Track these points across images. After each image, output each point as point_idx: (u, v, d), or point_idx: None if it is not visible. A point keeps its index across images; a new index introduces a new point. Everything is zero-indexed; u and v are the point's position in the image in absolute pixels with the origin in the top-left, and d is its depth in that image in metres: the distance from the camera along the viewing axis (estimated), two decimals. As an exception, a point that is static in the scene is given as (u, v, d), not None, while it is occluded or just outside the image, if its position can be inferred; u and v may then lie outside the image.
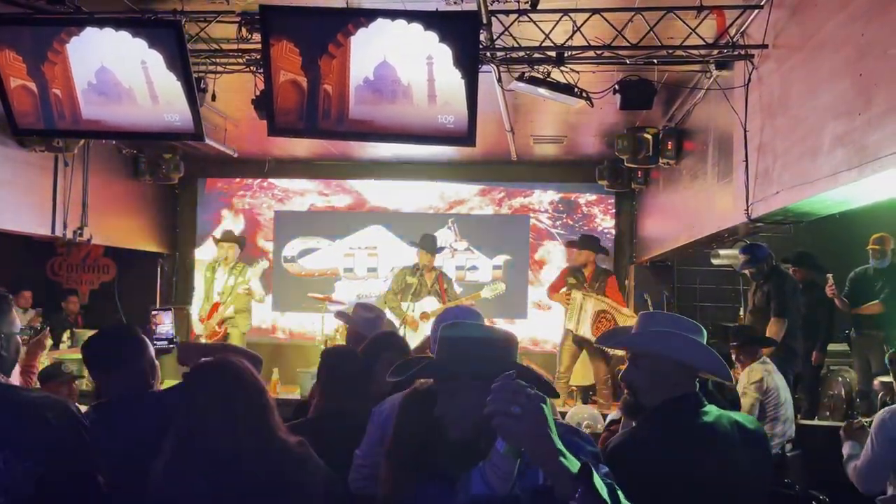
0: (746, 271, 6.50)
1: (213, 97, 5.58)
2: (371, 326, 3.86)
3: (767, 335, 5.83)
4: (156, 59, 4.98)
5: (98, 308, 9.48)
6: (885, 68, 3.10)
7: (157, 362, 2.68)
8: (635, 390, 2.22)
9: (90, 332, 7.99)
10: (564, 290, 7.35)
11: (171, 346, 4.46)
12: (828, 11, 3.71)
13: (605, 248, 7.78)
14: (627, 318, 6.76)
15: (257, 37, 4.95)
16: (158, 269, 9.86)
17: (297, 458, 2.04)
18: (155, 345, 3.12)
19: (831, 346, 6.96)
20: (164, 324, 6.52)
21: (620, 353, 8.73)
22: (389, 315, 6.10)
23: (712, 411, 2.18)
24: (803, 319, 6.35)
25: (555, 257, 9.54)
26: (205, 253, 9.60)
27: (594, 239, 7.61)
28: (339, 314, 5.03)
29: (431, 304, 7.00)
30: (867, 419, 3.92)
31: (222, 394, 2.01)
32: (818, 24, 3.82)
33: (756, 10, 4.69)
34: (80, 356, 6.73)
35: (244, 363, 2.14)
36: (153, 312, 6.49)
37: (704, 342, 2.22)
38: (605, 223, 9.50)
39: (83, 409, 2.42)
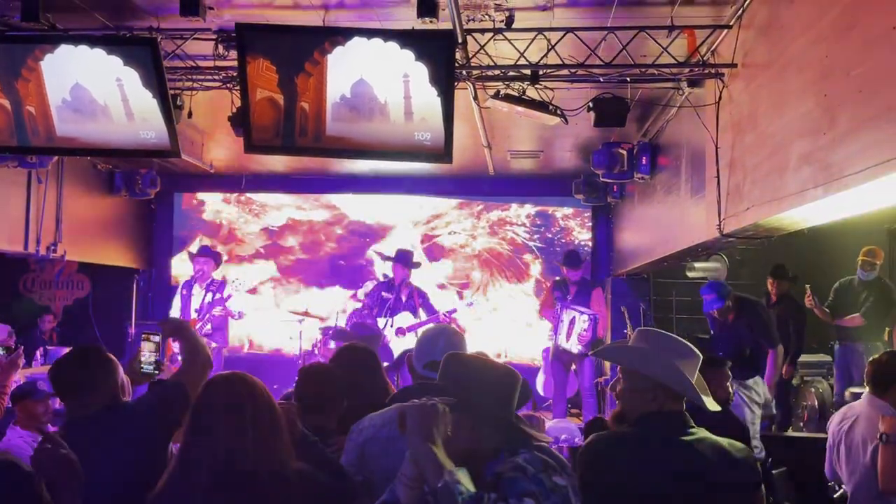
0: (714, 312, 6.00)
1: (190, 114, 5.57)
2: (372, 344, 3.86)
3: (772, 366, 5.84)
4: (131, 77, 4.97)
5: (72, 324, 9.37)
6: (847, 89, 3.19)
7: (127, 381, 2.66)
8: (621, 401, 2.34)
9: (64, 349, 7.90)
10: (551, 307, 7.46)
11: (157, 372, 4.42)
12: (794, 33, 3.80)
13: (586, 260, 7.90)
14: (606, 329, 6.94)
15: (234, 54, 4.95)
16: (134, 285, 9.78)
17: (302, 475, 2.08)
18: (142, 369, 3.09)
19: (804, 358, 7.06)
20: (149, 353, 6.44)
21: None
22: None
23: (698, 433, 2.21)
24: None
25: (534, 270, 9.62)
26: (181, 268, 9.54)
27: (579, 256, 7.72)
28: (338, 333, 4.98)
29: (406, 320, 7.01)
30: None
31: (235, 403, 2.05)
32: (785, 44, 3.91)
33: (725, 30, 4.79)
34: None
35: (257, 380, 2.17)
36: (143, 335, 6.41)
37: (696, 366, 2.28)
38: (581, 236, 9.59)
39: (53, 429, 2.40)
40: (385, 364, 4.60)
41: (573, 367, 7.42)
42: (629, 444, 2.22)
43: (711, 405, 2.26)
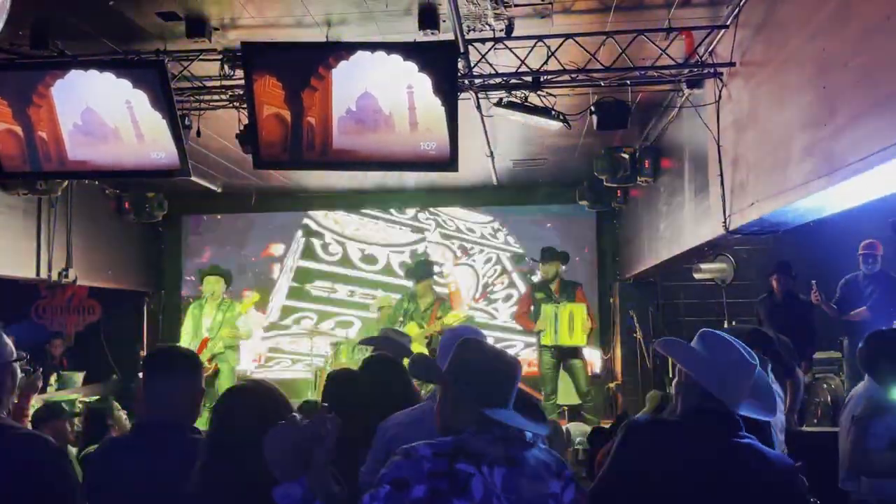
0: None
1: (199, 134, 5.66)
2: (402, 351, 3.86)
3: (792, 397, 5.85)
4: (140, 99, 5.07)
5: (84, 349, 9.42)
6: (845, 80, 3.25)
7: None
8: (676, 394, 2.32)
9: (78, 374, 7.89)
10: (533, 308, 7.38)
11: None
12: (790, 29, 3.87)
13: (567, 255, 7.74)
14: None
15: (240, 73, 5.05)
16: (145, 308, 9.84)
17: None
18: None
19: (818, 354, 7.04)
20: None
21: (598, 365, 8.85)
22: None
23: (742, 438, 2.17)
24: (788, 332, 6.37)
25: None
26: (191, 289, 9.61)
27: (555, 251, 7.62)
28: (366, 340, 4.96)
29: (414, 331, 7.03)
30: None
31: (258, 416, 2.04)
32: (782, 41, 3.98)
33: (723, 30, 4.87)
34: (69, 398, 6.70)
35: (280, 393, 2.19)
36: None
37: (751, 374, 2.21)
38: (587, 242, 9.63)
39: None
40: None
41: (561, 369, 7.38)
42: (678, 432, 2.21)
43: (762, 415, 2.23)
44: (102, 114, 5.16)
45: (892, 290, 6.47)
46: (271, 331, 9.96)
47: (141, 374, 2.70)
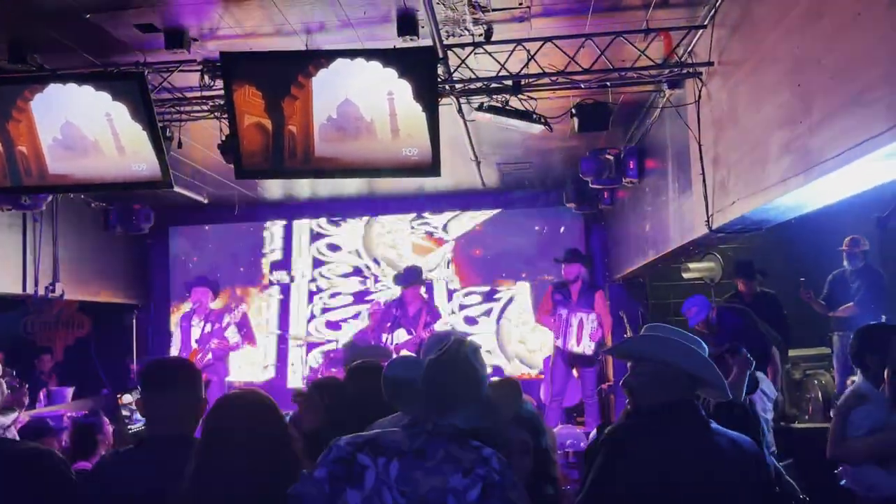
0: (700, 325, 6.10)
1: (180, 144, 5.64)
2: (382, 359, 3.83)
3: (775, 364, 5.93)
4: (120, 111, 5.05)
5: (73, 364, 9.37)
6: (820, 77, 3.26)
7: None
8: (635, 395, 2.29)
9: (66, 390, 7.86)
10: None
11: None
12: (765, 28, 3.89)
13: (590, 258, 7.81)
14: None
15: (220, 83, 5.04)
16: (134, 321, 9.80)
17: None
18: (130, 430, 3.09)
19: (807, 351, 7.05)
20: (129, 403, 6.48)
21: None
22: None
23: (709, 425, 2.22)
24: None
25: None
26: (180, 301, 9.57)
27: (579, 253, 7.65)
28: (347, 347, 4.96)
29: (402, 337, 7.03)
30: None
31: (249, 423, 2.11)
32: (757, 40, 4.00)
33: (700, 31, 4.89)
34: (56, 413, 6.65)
35: (270, 400, 2.22)
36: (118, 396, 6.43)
37: (706, 355, 2.27)
38: (576, 244, 9.63)
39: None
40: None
41: (575, 372, 7.42)
42: (652, 433, 2.20)
43: (732, 393, 2.28)
44: (82, 127, 5.14)
45: (878, 284, 6.50)
46: (266, 339, 9.92)
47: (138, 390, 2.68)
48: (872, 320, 6.32)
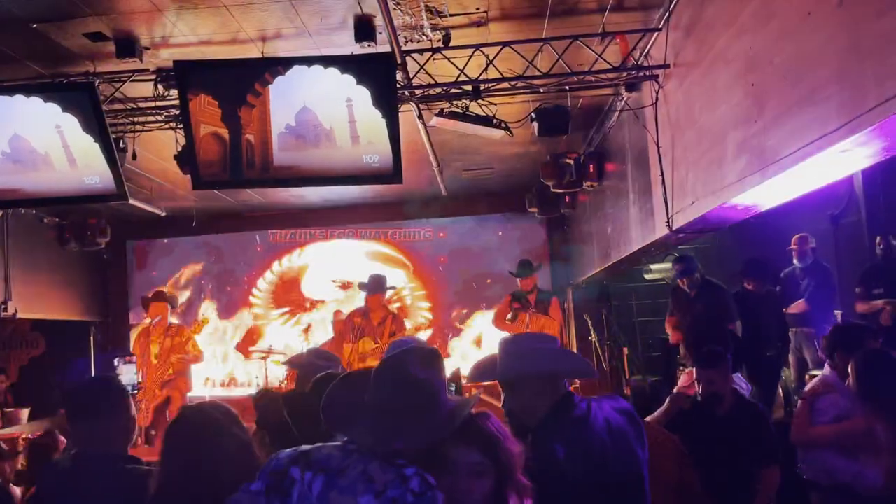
0: (684, 282, 6.52)
1: (134, 156, 5.52)
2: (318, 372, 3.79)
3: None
4: (71, 123, 4.93)
5: (29, 384, 9.08)
6: (773, 77, 3.31)
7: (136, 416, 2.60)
8: (518, 415, 2.27)
9: (22, 411, 7.63)
10: (509, 317, 7.49)
11: (136, 392, 4.25)
12: (718, 29, 3.95)
13: (539, 266, 7.92)
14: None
15: (174, 93, 4.94)
16: (91, 338, 9.55)
17: None
18: None
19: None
20: (128, 374, 6.37)
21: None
22: None
23: (580, 403, 2.24)
24: (750, 326, 6.48)
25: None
26: (138, 317, 9.37)
27: (531, 264, 7.72)
28: (290, 361, 4.93)
29: (369, 346, 6.95)
30: None
31: (210, 434, 2.11)
32: (711, 41, 4.06)
33: (656, 33, 4.95)
34: (11, 436, 6.44)
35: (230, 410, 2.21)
36: (115, 363, 6.32)
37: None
38: (539, 248, 9.68)
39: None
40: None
41: None
42: (547, 454, 2.12)
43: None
44: (31, 140, 5.00)
45: (827, 281, 6.63)
46: (224, 353, 9.77)
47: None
48: (823, 315, 6.48)
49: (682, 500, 2.89)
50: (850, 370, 3.54)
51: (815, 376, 6.14)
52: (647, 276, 8.67)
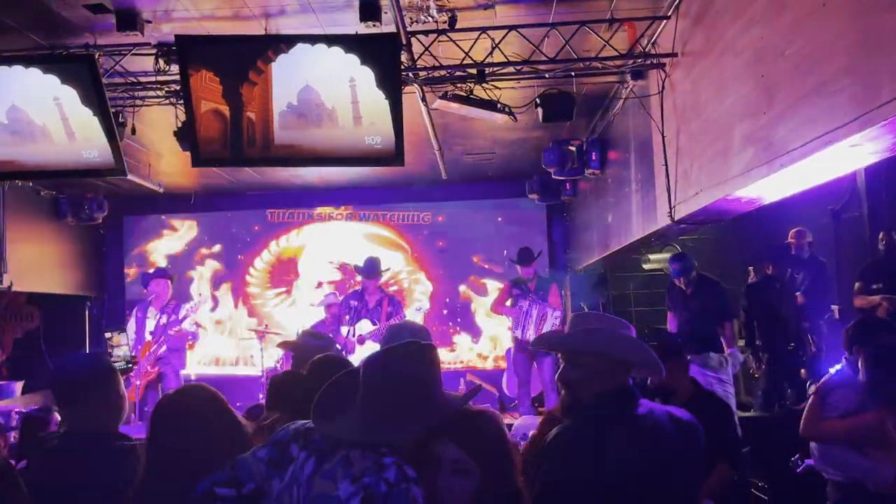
0: (681, 280, 6.56)
1: (133, 131, 5.46)
2: (321, 353, 3.78)
3: (729, 336, 6.21)
4: (70, 95, 4.86)
5: (22, 358, 9.06)
6: (782, 68, 3.27)
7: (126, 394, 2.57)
8: (572, 389, 2.25)
9: (15, 384, 7.61)
10: (508, 303, 7.49)
11: (130, 366, 4.23)
12: (728, 18, 3.89)
13: (540, 254, 7.92)
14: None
15: (175, 68, 4.88)
16: (86, 313, 9.52)
17: None
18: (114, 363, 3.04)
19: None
20: (121, 345, 6.35)
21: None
22: None
23: (645, 404, 2.23)
24: (772, 318, 6.50)
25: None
26: (135, 292, 9.34)
27: (532, 252, 7.70)
28: (285, 343, 4.93)
29: (367, 327, 6.95)
30: None
31: (196, 419, 2.11)
32: (720, 31, 4.00)
33: (664, 21, 4.89)
34: (5, 409, 6.43)
35: (216, 393, 2.21)
36: (107, 335, 6.29)
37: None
38: (539, 235, 9.64)
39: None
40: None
41: (534, 363, 7.45)
42: (597, 429, 2.15)
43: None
44: (30, 111, 4.93)
45: (823, 274, 6.64)
46: (221, 332, 9.76)
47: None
48: (819, 309, 6.49)
49: None
50: (859, 365, 3.52)
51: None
52: (646, 266, 8.66)
